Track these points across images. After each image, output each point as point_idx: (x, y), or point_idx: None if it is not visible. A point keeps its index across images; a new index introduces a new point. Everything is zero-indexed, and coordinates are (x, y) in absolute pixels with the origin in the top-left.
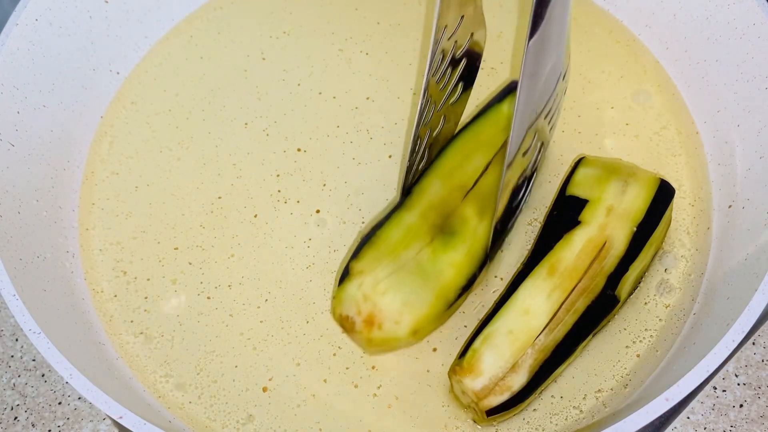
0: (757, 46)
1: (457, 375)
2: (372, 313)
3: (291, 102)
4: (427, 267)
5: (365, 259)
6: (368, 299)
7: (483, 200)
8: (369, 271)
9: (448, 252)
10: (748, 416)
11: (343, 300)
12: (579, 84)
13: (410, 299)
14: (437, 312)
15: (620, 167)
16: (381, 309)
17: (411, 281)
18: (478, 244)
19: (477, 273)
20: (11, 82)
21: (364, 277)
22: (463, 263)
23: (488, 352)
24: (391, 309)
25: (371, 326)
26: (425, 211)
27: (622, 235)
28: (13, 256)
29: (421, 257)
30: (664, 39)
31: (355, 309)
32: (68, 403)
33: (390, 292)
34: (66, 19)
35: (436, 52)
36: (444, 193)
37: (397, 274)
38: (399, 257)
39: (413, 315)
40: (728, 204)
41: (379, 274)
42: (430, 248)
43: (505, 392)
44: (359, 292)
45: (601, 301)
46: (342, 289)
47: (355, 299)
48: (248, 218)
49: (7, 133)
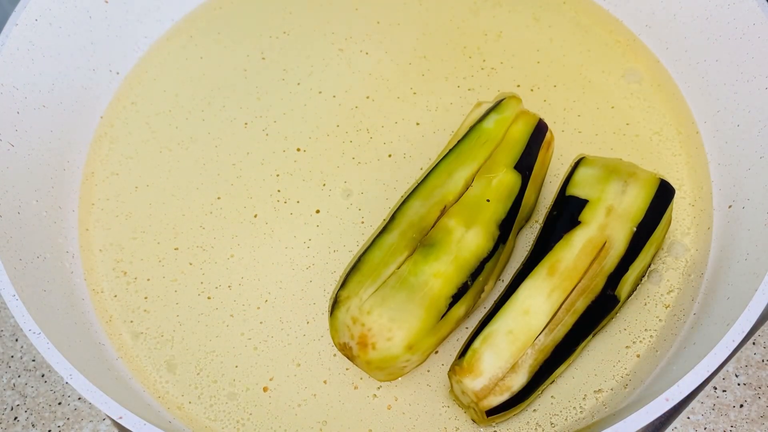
0: (757, 46)
1: (456, 375)
2: (363, 334)
3: (291, 102)
4: (410, 280)
5: (350, 285)
6: (356, 321)
7: (469, 211)
8: (354, 294)
9: (430, 262)
10: (748, 416)
11: (337, 328)
12: (579, 84)
13: (397, 314)
14: (429, 324)
15: (620, 167)
16: (370, 328)
17: (395, 296)
18: (467, 254)
19: (469, 282)
20: (11, 82)
21: (351, 301)
22: (449, 272)
23: (488, 352)
24: (380, 326)
25: (366, 348)
26: (404, 230)
27: (622, 235)
28: (13, 256)
29: (401, 271)
30: (664, 39)
31: (348, 334)
32: (68, 403)
33: (375, 310)
34: (66, 19)
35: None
36: (423, 211)
37: (379, 291)
38: (380, 275)
39: (404, 329)
40: (728, 204)
41: (363, 295)
42: (410, 261)
43: (505, 392)
44: (348, 316)
45: (601, 301)
46: (333, 318)
47: (345, 324)
48: (248, 218)
49: (7, 133)
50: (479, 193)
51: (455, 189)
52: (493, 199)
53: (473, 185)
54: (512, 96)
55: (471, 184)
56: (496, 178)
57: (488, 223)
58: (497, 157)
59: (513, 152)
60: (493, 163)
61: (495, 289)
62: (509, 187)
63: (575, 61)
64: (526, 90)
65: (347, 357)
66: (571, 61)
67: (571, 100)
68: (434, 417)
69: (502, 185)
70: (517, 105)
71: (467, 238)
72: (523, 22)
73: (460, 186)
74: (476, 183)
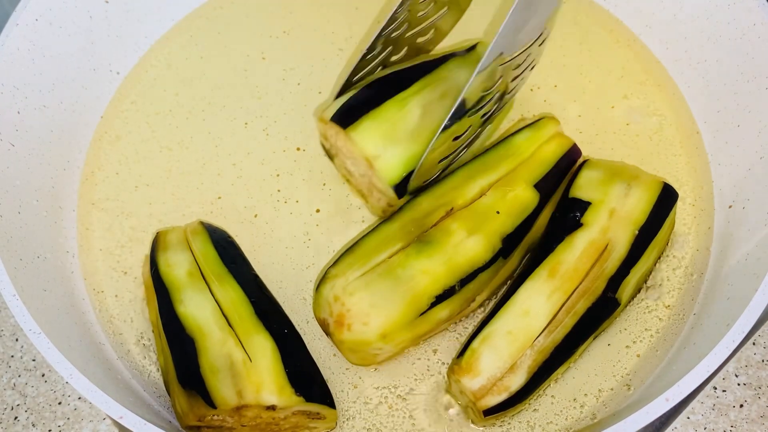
0: (757, 46)
1: (455, 374)
2: (341, 313)
3: (291, 102)
4: (398, 272)
5: (341, 265)
6: (338, 300)
7: (476, 218)
8: (341, 274)
9: (421, 259)
10: (748, 416)
11: (319, 303)
12: (579, 84)
13: (377, 301)
14: (407, 318)
15: (624, 170)
16: (349, 309)
17: (380, 284)
18: (461, 259)
19: (457, 287)
20: (11, 82)
21: (337, 279)
22: (439, 273)
23: (487, 352)
24: (359, 309)
25: (341, 327)
26: (405, 223)
27: (624, 238)
28: (13, 256)
29: (392, 261)
30: (664, 39)
31: (328, 310)
32: (68, 403)
33: (357, 293)
34: (66, 19)
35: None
36: (429, 208)
37: (366, 276)
38: (370, 261)
39: (381, 317)
40: (728, 204)
41: (349, 276)
42: (402, 253)
43: (503, 392)
44: (331, 293)
45: (602, 303)
46: (318, 293)
47: (327, 301)
48: (248, 218)
49: (7, 133)
50: (491, 203)
51: (468, 194)
52: (503, 211)
53: (487, 194)
54: (552, 117)
55: (485, 192)
56: (512, 192)
57: (492, 234)
58: (520, 172)
59: (537, 171)
60: (513, 177)
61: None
62: (524, 204)
63: (575, 61)
64: (526, 90)
65: (325, 332)
66: (571, 61)
67: (571, 100)
68: (435, 417)
69: (517, 200)
70: (554, 126)
71: (466, 244)
72: None
73: (474, 192)
74: (491, 193)
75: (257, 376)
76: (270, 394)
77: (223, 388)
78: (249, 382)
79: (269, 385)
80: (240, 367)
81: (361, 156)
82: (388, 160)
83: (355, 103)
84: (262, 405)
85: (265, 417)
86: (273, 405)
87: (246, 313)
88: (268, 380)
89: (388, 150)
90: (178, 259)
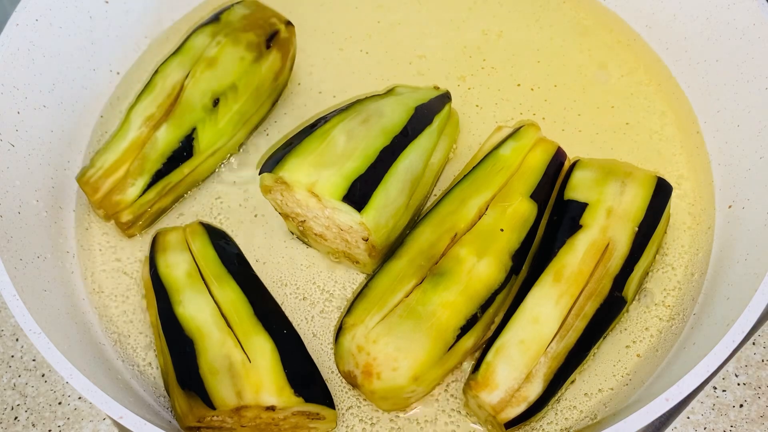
0: (757, 46)
1: (472, 390)
2: (368, 363)
3: (291, 101)
4: (418, 309)
5: (356, 312)
6: (362, 350)
7: (482, 240)
8: (360, 322)
9: (439, 292)
10: (748, 416)
11: (342, 355)
12: (579, 84)
13: (403, 344)
14: (436, 355)
15: (616, 167)
16: (375, 357)
17: (402, 325)
18: (478, 285)
19: (479, 314)
20: (11, 82)
21: (356, 328)
22: (458, 303)
23: (502, 365)
24: (386, 356)
25: (370, 377)
26: (413, 257)
27: (624, 235)
28: (13, 256)
29: (410, 300)
30: (664, 39)
31: (353, 362)
32: (68, 403)
33: (381, 339)
34: (66, 19)
35: None
36: (433, 237)
37: (386, 320)
38: (387, 303)
39: (410, 360)
40: (728, 204)
41: (369, 323)
42: (419, 290)
43: (522, 403)
44: (353, 344)
45: (610, 303)
46: (338, 345)
47: (350, 352)
48: (248, 218)
49: (7, 133)
50: (492, 221)
51: (468, 217)
52: (507, 228)
53: (487, 213)
54: (531, 123)
55: (485, 212)
56: (511, 206)
57: (501, 253)
58: (513, 185)
59: (530, 181)
60: (508, 192)
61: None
62: (524, 217)
63: (575, 61)
64: (526, 90)
65: (351, 385)
66: (571, 61)
67: (571, 99)
68: (433, 416)
69: (517, 214)
70: (535, 133)
71: (478, 269)
72: (524, 21)
73: (473, 214)
74: (490, 211)
75: (256, 376)
76: (269, 395)
77: (223, 389)
78: (248, 383)
79: (269, 385)
80: (239, 367)
81: (302, 190)
82: (327, 179)
83: (276, 151)
84: (261, 406)
85: (265, 417)
86: (272, 405)
87: (245, 313)
88: (267, 381)
89: (322, 173)
90: (177, 259)
